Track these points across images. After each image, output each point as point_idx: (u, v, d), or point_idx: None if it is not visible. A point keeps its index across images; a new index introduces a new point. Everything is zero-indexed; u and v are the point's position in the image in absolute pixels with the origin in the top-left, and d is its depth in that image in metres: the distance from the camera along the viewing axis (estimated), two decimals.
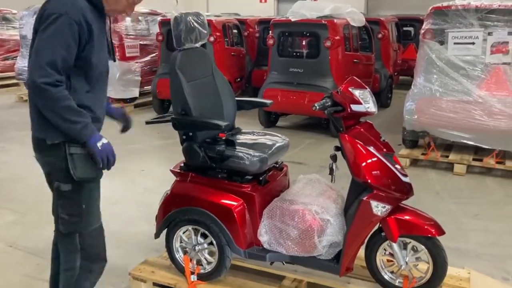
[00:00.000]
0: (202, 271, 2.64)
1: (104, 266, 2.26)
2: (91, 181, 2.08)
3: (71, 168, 1.98)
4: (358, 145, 2.34)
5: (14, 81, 10.24)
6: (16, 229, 3.64)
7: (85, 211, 2.08)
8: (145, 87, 8.50)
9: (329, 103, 2.32)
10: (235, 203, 2.54)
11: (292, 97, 6.35)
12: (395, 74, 9.13)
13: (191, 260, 2.66)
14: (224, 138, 2.67)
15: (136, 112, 8.08)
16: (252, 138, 2.87)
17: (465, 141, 4.88)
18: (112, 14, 2.09)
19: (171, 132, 2.14)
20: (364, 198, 2.31)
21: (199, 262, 2.67)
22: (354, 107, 2.31)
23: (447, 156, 5.16)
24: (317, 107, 2.27)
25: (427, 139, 5.30)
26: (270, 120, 6.99)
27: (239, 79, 8.28)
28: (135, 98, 8.32)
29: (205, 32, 2.73)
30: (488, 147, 4.86)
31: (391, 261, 2.52)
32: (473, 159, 5.04)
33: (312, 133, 6.63)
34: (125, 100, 8.17)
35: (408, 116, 5.12)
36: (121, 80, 7.93)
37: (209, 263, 2.65)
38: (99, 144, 1.97)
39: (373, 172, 2.32)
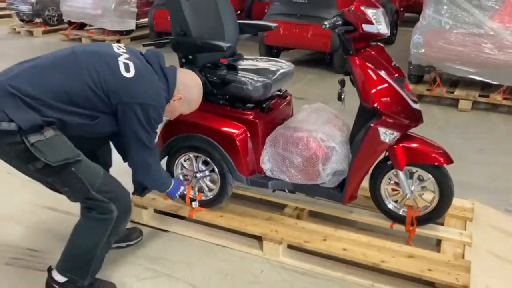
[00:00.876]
0: (203, 198, 2.61)
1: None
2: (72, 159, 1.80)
3: (41, 157, 1.72)
4: (369, 69, 2.22)
5: (7, 12, 9.88)
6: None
7: (79, 174, 1.83)
8: (141, 19, 8.19)
9: (340, 22, 2.17)
10: (237, 131, 2.46)
11: (295, 30, 6.11)
12: (401, 9, 8.79)
13: (192, 187, 2.62)
14: (225, 63, 2.55)
15: (133, 45, 7.79)
16: (255, 64, 2.74)
17: (472, 76, 4.74)
18: None
19: (169, 64, 2.04)
20: (372, 125, 2.22)
21: (200, 189, 2.63)
22: (366, 28, 2.16)
23: (453, 92, 5.04)
24: (327, 25, 2.12)
25: (433, 74, 5.16)
26: (271, 54, 6.76)
27: (239, 12, 7.95)
28: (131, 31, 8.05)
29: None
30: (496, 82, 4.73)
31: (396, 190, 2.49)
32: (479, 95, 4.92)
33: (315, 69, 6.46)
34: (121, 33, 7.89)
35: (414, 50, 4.94)
36: (117, 11, 7.63)
37: (210, 190, 2.61)
38: (177, 193, 2.32)
39: (382, 98, 2.21)
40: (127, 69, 1.86)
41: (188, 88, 2.08)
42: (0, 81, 1.74)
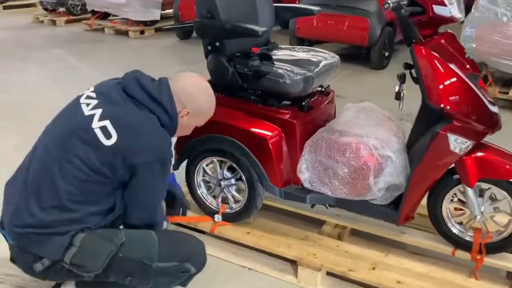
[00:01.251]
0: (228, 210, 2.24)
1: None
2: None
3: (83, 272, 1.59)
4: (436, 61, 1.79)
5: (31, 1, 9.76)
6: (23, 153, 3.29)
7: (130, 256, 1.63)
8: (166, 10, 7.87)
9: (405, 1, 1.75)
10: (270, 133, 2.08)
11: (329, 22, 5.66)
12: None
13: (215, 197, 2.25)
14: (258, 52, 2.16)
15: (157, 37, 7.54)
16: (292, 54, 2.35)
17: None
18: None
19: (195, 57, 1.69)
20: (440, 130, 1.80)
21: (224, 200, 2.26)
22: (438, 9, 1.75)
23: (507, 93, 4.52)
24: (391, 5, 1.70)
25: (484, 72, 4.64)
26: None
27: None
28: (156, 21, 7.74)
29: None
30: None
31: (461, 210, 2.06)
32: None
33: (350, 64, 5.98)
34: (145, 23, 7.60)
35: (465, 44, 4.43)
36: (141, 0, 7.32)
37: (236, 201, 2.24)
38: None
39: (452, 97, 1.79)
40: (107, 135, 1.57)
41: (192, 96, 1.73)
42: (7, 228, 1.62)
